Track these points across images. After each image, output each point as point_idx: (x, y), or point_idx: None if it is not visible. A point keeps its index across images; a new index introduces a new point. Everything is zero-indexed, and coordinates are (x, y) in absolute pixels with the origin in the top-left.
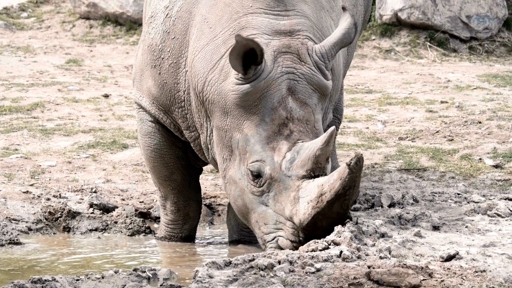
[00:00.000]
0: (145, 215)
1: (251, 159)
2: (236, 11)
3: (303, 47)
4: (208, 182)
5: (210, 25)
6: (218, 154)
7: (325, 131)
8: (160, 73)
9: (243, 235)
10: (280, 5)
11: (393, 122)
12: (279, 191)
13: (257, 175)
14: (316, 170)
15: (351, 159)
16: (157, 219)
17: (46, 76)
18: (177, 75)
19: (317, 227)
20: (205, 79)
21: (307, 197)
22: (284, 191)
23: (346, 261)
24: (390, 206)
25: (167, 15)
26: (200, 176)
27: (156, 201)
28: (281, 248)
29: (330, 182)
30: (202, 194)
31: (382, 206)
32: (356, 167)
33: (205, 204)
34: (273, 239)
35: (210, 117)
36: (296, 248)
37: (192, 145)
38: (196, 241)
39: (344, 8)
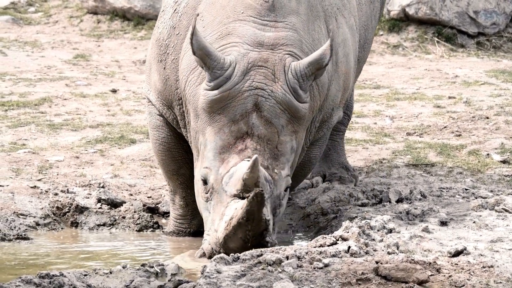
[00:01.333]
0: (153, 210)
1: (203, 164)
2: (227, 15)
3: (281, 63)
4: None
5: (204, 24)
6: (193, 152)
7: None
8: (164, 67)
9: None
10: (271, 15)
11: (401, 117)
12: (216, 202)
13: (204, 181)
14: (246, 192)
15: (251, 193)
16: (165, 214)
17: (54, 71)
18: (177, 71)
19: (229, 248)
20: (187, 79)
21: (226, 216)
22: (219, 204)
23: (354, 257)
24: (398, 201)
25: (175, 10)
26: None
27: (164, 196)
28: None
29: (236, 210)
30: None
31: (390, 202)
32: (253, 202)
33: None
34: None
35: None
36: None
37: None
38: None
39: (329, 30)
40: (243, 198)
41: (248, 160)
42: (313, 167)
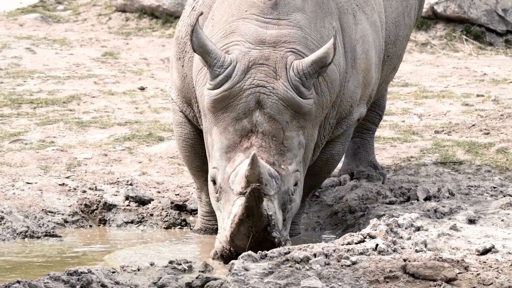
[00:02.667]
0: (181, 207)
1: (212, 164)
2: (232, 13)
3: (282, 60)
4: None
5: (213, 23)
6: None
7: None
8: (182, 65)
9: None
10: (274, 12)
11: (429, 115)
12: (224, 201)
13: (213, 182)
14: (246, 188)
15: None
16: (193, 212)
17: (82, 68)
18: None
19: (236, 245)
20: (196, 79)
21: (231, 214)
22: (227, 203)
23: (382, 254)
24: (426, 199)
25: (193, 8)
26: None
27: (192, 193)
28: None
29: (238, 207)
30: None
31: (418, 200)
32: (250, 198)
33: None
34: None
35: None
36: (227, 255)
37: None
38: None
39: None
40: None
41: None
42: (337, 164)
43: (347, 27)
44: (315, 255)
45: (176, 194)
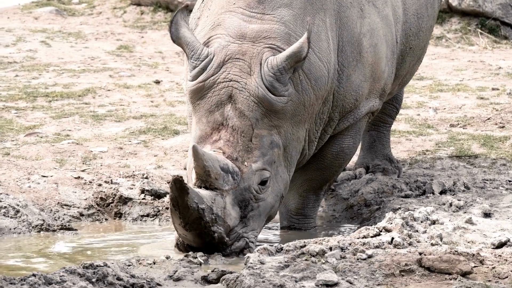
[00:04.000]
0: None
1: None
2: (222, 5)
3: (258, 56)
4: None
5: (208, 13)
6: None
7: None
8: None
9: (292, 221)
10: (260, 7)
11: (444, 109)
12: None
13: (185, 169)
14: (199, 181)
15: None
16: None
17: (98, 62)
18: None
19: (180, 235)
20: (186, 70)
21: None
22: None
23: (398, 248)
24: (441, 193)
25: (202, 1)
26: None
27: None
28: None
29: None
30: None
31: (433, 193)
32: (172, 188)
33: None
34: None
35: None
36: (180, 243)
37: None
38: None
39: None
40: (199, 187)
41: (214, 151)
42: (349, 157)
43: (349, 22)
44: (330, 249)
45: None
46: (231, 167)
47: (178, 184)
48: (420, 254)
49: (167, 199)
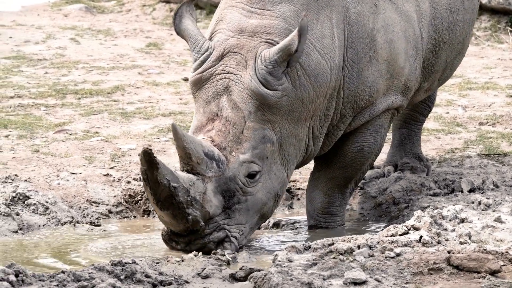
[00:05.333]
0: None
1: None
2: (226, 1)
3: (254, 50)
4: None
5: (218, 9)
6: None
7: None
8: None
9: (319, 220)
10: (260, 2)
11: (473, 107)
12: None
13: None
14: (182, 164)
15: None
16: None
17: (127, 59)
18: None
19: (159, 217)
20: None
21: None
22: None
23: (426, 246)
24: (470, 191)
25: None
26: None
27: None
28: None
29: None
30: None
31: (462, 191)
32: (141, 160)
33: None
34: None
35: None
36: (165, 233)
37: None
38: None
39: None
40: (183, 170)
41: (204, 138)
42: (370, 155)
43: (360, 17)
44: (359, 247)
45: None
46: (217, 155)
47: (147, 156)
48: (449, 252)
49: None
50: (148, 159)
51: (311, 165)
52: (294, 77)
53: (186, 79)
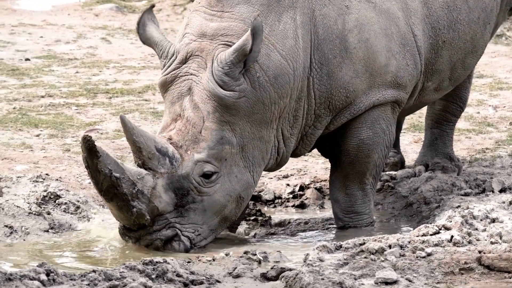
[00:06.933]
0: (255, 198)
1: None
2: (193, 5)
3: (212, 52)
4: (318, 166)
5: (186, 14)
6: None
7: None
8: None
9: (346, 221)
10: (219, 5)
11: (504, 107)
12: None
13: None
14: (134, 158)
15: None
16: (267, 202)
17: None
18: None
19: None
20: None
21: None
22: None
23: (457, 246)
24: (501, 191)
25: None
26: (311, 160)
27: (267, 184)
28: None
29: None
30: (312, 178)
31: (493, 191)
32: (82, 147)
33: (315, 188)
34: None
35: None
36: (120, 226)
37: None
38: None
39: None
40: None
41: (162, 136)
42: (374, 148)
43: (326, 20)
44: (390, 246)
45: None
46: (171, 152)
47: (86, 143)
48: (480, 252)
49: None
50: (87, 146)
51: None
52: (253, 78)
53: None
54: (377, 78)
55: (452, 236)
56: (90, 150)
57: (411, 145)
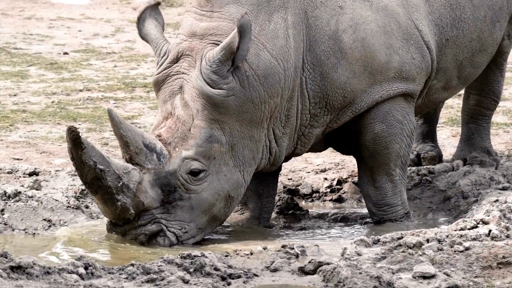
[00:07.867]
0: (293, 192)
1: None
2: (186, 6)
3: (201, 51)
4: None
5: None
6: None
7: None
8: None
9: (380, 215)
10: (208, 5)
11: None
12: None
13: None
14: (123, 153)
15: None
16: (305, 196)
17: None
18: None
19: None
20: None
21: None
22: None
23: (495, 240)
24: None
25: None
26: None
27: (305, 178)
28: None
29: None
30: (350, 172)
31: None
32: (66, 138)
33: (353, 182)
34: None
35: None
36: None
37: None
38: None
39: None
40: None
41: (151, 133)
42: (392, 140)
43: (318, 21)
44: (428, 241)
45: (288, 179)
46: (159, 148)
47: (70, 134)
48: None
49: None
50: (72, 137)
51: None
52: (243, 77)
53: None
54: (378, 76)
55: (490, 230)
56: (75, 141)
57: (449, 139)
